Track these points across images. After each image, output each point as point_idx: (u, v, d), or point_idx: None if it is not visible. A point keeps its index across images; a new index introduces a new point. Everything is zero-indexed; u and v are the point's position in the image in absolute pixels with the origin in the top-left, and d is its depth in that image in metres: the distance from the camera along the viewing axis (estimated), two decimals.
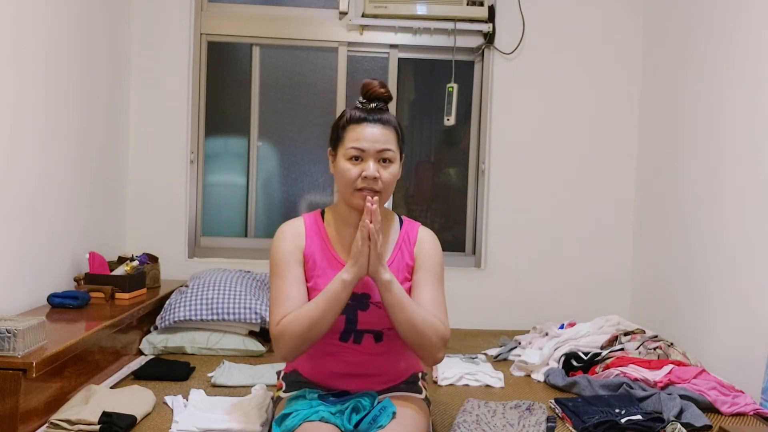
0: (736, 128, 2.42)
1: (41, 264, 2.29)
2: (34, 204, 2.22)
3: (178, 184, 3.17)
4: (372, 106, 1.66)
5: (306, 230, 1.70)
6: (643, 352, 2.32)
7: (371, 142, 1.61)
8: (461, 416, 1.85)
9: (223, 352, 2.52)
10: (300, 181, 3.35)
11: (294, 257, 1.66)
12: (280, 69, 3.33)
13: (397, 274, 1.66)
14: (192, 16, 3.15)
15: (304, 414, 1.53)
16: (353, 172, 1.61)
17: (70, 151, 2.49)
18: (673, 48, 2.94)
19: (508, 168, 3.26)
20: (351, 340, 1.66)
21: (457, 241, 3.38)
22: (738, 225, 2.38)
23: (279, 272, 1.65)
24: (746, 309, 2.30)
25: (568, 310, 3.16)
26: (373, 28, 3.23)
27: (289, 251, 1.66)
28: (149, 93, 3.13)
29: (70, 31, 2.46)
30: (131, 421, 1.74)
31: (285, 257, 1.66)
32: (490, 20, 3.19)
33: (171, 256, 3.12)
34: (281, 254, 1.66)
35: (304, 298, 1.63)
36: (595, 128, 3.28)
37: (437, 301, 1.66)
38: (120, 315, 2.22)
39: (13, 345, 1.64)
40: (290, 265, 1.65)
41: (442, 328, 1.60)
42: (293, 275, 1.64)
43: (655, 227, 3.05)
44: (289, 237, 1.68)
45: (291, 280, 1.64)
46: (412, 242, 1.73)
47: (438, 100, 3.29)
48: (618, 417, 1.80)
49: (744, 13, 2.40)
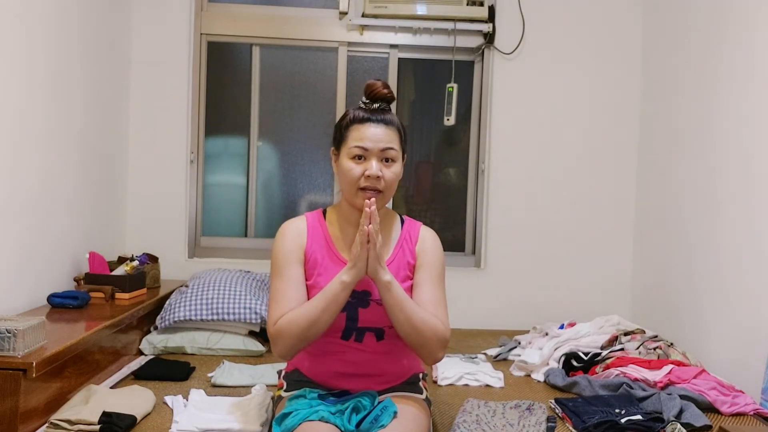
0: (736, 128, 2.42)
1: (41, 264, 2.29)
2: (34, 204, 2.22)
3: (178, 184, 3.17)
4: (375, 106, 1.68)
5: (308, 228, 1.71)
6: (643, 352, 2.32)
7: (374, 142, 1.63)
8: (461, 416, 1.85)
9: (223, 352, 2.52)
10: (300, 181, 3.35)
11: (295, 256, 1.67)
12: (280, 69, 3.33)
13: (397, 273, 1.67)
14: (192, 16, 3.15)
15: (304, 414, 1.53)
16: (356, 171, 1.62)
17: (71, 151, 2.49)
18: (673, 48, 2.94)
19: (508, 168, 3.26)
20: (352, 338, 1.67)
21: (457, 241, 3.38)
22: (738, 225, 2.38)
23: (279, 271, 1.66)
24: (746, 309, 2.30)
25: (568, 310, 3.16)
26: (373, 28, 3.23)
27: (290, 250, 1.67)
28: (149, 93, 3.13)
29: (70, 31, 2.46)
30: (131, 421, 1.74)
31: (286, 256, 1.66)
32: (490, 20, 3.19)
33: (171, 256, 3.12)
34: (282, 253, 1.67)
35: (303, 298, 1.64)
36: (595, 128, 3.28)
37: (438, 300, 1.67)
38: (120, 315, 2.22)
39: (13, 345, 1.65)
40: (290, 265, 1.66)
41: (441, 328, 1.61)
42: (293, 274, 1.65)
43: (655, 227, 3.05)
44: (291, 236, 1.69)
45: (290, 279, 1.65)
46: (413, 241, 1.74)
47: (438, 100, 3.29)
48: (618, 417, 1.80)
49: (744, 12, 2.40)
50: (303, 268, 1.67)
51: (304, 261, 1.68)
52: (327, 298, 1.56)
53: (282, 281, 1.64)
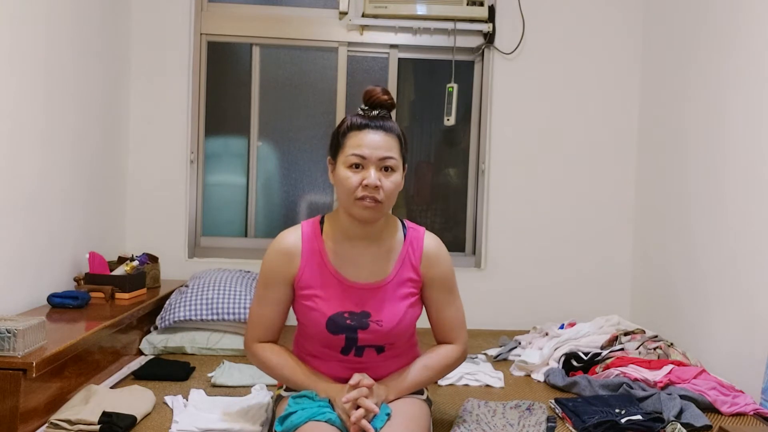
0: (736, 127, 2.42)
1: (41, 264, 2.29)
2: (34, 204, 2.22)
3: (178, 184, 3.17)
4: (374, 113, 1.62)
5: (302, 246, 1.66)
6: (643, 352, 2.32)
7: (373, 149, 1.56)
8: (461, 416, 1.85)
9: (223, 352, 2.52)
10: (300, 182, 3.35)
11: (280, 277, 1.66)
12: (280, 69, 3.33)
13: (398, 289, 1.65)
14: (192, 16, 3.15)
15: (311, 413, 1.51)
16: (353, 180, 1.56)
17: (70, 151, 2.49)
18: (673, 47, 2.94)
19: (508, 168, 3.26)
20: (352, 353, 1.65)
21: (457, 241, 3.38)
22: (738, 224, 2.38)
23: (260, 289, 1.69)
24: (746, 309, 2.30)
25: (568, 310, 3.16)
26: (373, 28, 3.23)
27: (277, 271, 1.66)
28: (149, 93, 3.13)
29: (70, 31, 2.46)
30: (131, 421, 1.74)
31: (272, 276, 1.66)
32: (490, 20, 3.19)
33: (171, 256, 3.12)
34: (268, 272, 1.67)
35: (279, 322, 1.70)
36: (595, 128, 3.28)
37: (459, 320, 1.75)
38: (120, 315, 2.22)
39: (13, 345, 1.64)
40: (274, 286, 1.66)
41: (457, 357, 1.73)
42: (273, 297, 1.67)
43: (655, 227, 3.05)
44: (282, 256, 1.66)
45: (269, 302, 1.67)
46: (417, 257, 1.69)
47: (438, 100, 3.29)
48: (618, 417, 1.80)
49: (744, 12, 2.40)
50: (290, 288, 1.67)
51: (295, 283, 1.66)
52: (295, 381, 1.64)
53: (260, 305, 1.68)
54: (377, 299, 1.64)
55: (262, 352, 1.67)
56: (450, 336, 1.74)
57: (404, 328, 1.66)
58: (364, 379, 1.55)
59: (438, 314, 1.73)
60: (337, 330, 1.61)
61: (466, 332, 1.76)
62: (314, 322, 1.62)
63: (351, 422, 1.49)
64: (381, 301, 1.64)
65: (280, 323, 1.70)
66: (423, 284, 1.70)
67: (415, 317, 1.70)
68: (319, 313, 1.61)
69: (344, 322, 1.61)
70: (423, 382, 1.69)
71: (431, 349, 1.74)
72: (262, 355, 1.67)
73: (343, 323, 1.61)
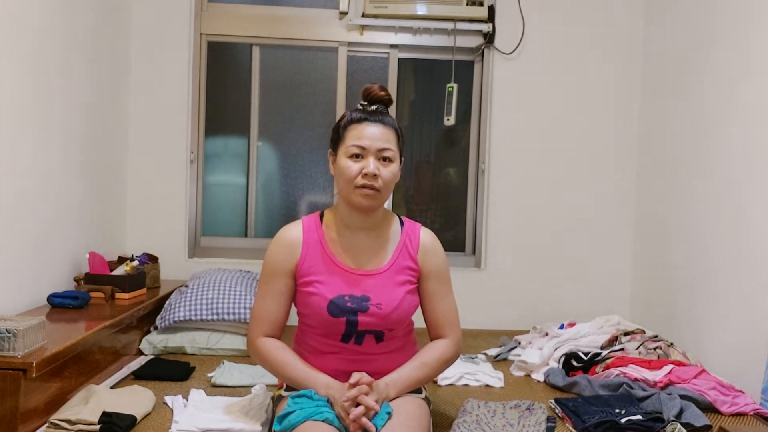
0: (736, 128, 2.42)
1: (41, 264, 2.29)
2: (34, 204, 2.22)
3: (178, 184, 3.17)
4: (373, 108, 1.71)
5: (303, 236, 1.72)
6: (643, 352, 2.32)
7: (372, 140, 1.65)
8: (461, 416, 1.85)
9: (223, 352, 2.52)
10: (300, 181, 3.35)
11: (282, 269, 1.70)
12: (280, 69, 3.33)
13: (396, 275, 1.69)
14: (192, 16, 3.15)
15: (309, 412, 1.52)
16: (354, 169, 1.64)
17: (70, 151, 2.49)
18: (673, 47, 2.94)
19: (508, 168, 3.26)
20: (352, 341, 1.68)
21: (457, 241, 3.38)
22: (738, 225, 2.38)
23: (263, 285, 1.72)
24: (746, 309, 2.30)
25: (568, 310, 3.16)
26: (373, 28, 3.23)
27: (278, 263, 1.71)
28: (149, 93, 3.13)
29: (70, 31, 2.46)
30: (131, 421, 1.74)
31: (274, 268, 1.71)
32: (490, 20, 3.19)
33: (171, 256, 3.12)
34: (270, 265, 1.72)
35: (282, 315, 1.71)
36: (595, 128, 3.28)
37: (452, 312, 1.78)
38: (120, 315, 2.22)
39: (13, 345, 1.64)
40: (276, 278, 1.70)
41: (452, 353, 1.76)
42: (276, 289, 1.70)
43: (655, 227, 3.05)
44: (283, 247, 1.72)
45: (272, 295, 1.70)
46: (414, 247, 1.75)
47: (438, 100, 3.29)
48: (618, 417, 1.80)
49: (744, 12, 2.40)
50: (292, 280, 1.71)
51: (296, 272, 1.70)
52: (297, 376, 1.64)
53: (264, 299, 1.71)
54: (377, 284, 1.69)
55: (265, 347, 1.69)
56: (443, 330, 1.78)
57: (403, 313, 1.70)
58: (364, 377, 1.57)
59: (433, 306, 1.76)
60: (338, 312, 1.65)
61: (459, 329, 1.80)
62: (316, 306, 1.66)
63: (350, 420, 1.50)
64: (380, 285, 1.69)
65: (283, 317, 1.72)
66: (420, 275, 1.75)
67: (413, 305, 1.74)
68: (321, 297, 1.66)
69: (345, 304, 1.65)
70: (421, 379, 1.71)
71: (426, 346, 1.77)
72: (264, 350, 1.68)
73: (343, 305, 1.65)
